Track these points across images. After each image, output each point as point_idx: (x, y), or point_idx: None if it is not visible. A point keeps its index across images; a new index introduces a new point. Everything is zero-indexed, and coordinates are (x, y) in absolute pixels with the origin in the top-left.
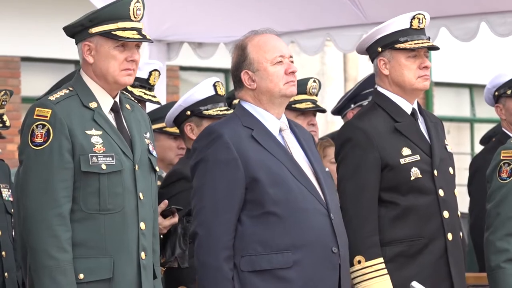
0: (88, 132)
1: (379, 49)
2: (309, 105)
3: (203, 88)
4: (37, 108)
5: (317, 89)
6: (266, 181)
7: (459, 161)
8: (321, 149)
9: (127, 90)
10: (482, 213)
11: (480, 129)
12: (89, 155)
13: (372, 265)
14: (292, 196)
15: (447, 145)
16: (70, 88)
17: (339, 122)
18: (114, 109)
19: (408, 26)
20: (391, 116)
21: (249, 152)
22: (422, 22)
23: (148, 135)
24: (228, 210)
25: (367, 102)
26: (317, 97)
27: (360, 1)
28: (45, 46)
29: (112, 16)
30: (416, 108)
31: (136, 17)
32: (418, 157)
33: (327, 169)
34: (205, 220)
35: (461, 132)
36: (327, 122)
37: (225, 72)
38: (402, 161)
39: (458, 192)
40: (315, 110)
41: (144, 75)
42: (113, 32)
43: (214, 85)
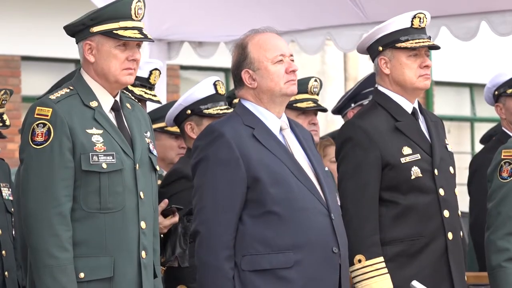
0: (89, 131)
1: (380, 48)
2: (310, 104)
3: (203, 87)
4: (37, 107)
5: (318, 88)
6: (267, 180)
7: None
8: (321, 148)
9: (127, 89)
10: (482, 213)
11: (481, 128)
12: (90, 154)
13: (372, 264)
14: (292, 195)
15: (447, 144)
16: (71, 87)
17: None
18: (115, 108)
19: (409, 25)
20: (392, 115)
21: (251, 151)
22: (423, 21)
23: (148, 134)
24: (229, 209)
25: (367, 101)
26: (318, 96)
27: (361, 1)
28: (46, 45)
29: (113, 15)
30: (417, 107)
31: (137, 17)
32: (418, 156)
33: (326, 169)
34: (206, 219)
35: (462, 131)
36: (327, 121)
37: (225, 71)
38: (402, 160)
39: (459, 191)
40: (316, 109)
41: (144, 74)
42: (115, 31)
43: (215, 84)
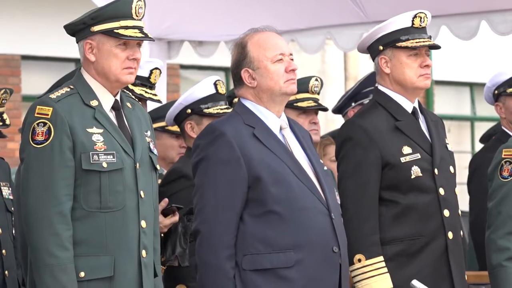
0: (89, 130)
1: (381, 48)
2: (311, 103)
3: (203, 87)
4: (38, 106)
5: (319, 87)
6: (268, 180)
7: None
8: (321, 147)
9: (128, 88)
10: (482, 212)
11: (481, 127)
12: (90, 153)
13: (372, 263)
14: (293, 195)
15: (447, 144)
16: (71, 86)
17: (339, 121)
18: (115, 107)
19: (409, 24)
20: (392, 114)
21: (252, 151)
22: (424, 20)
23: (149, 133)
24: (230, 208)
25: (367, 101)
26: (319, 95)
27: (361, 0)
28: (46, 44)
29: (114, 15)
30: (417, 107)
31: (137, 16)
32: (418, 155)
33: (325, 168)
34: (207, 218)
35: (462, 131)
36: (327, 120)
37: (225, 70)
38: (402, 159)
39: (459, 190)
40: (317, 109)
41: (145, 73)
42: (115, 31)
43: (215, 84)
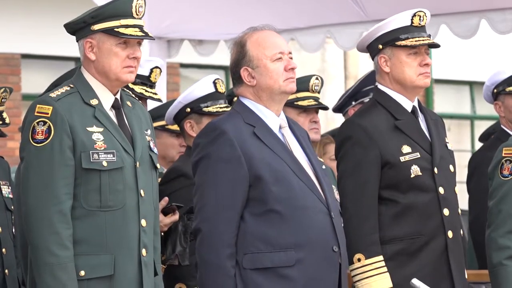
0: (89, 129)
1: (380, 47)
2: (312, 102)
3: (203, 85)
4: (38, 105)
5: (320, 86)
6: (269, 179)
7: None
8: (321, 146)
9: (128, 87)
10: (481, 211)
11: (481, 126)
12: (90, 152)
13: (371, 263)
14: (293, 194)
15: (447, 142)
16: (71, 85)
17: (339, 119)
18: (115, 106)
19: (409, 23)
20: (392, 113)
21: (252, 150)
22: (423, 19)
23: (149, 132)
24: (231, 207)
25: (368, 99)
26: (319, 94)
27: None
28: (46, 43)
29: (114, 13)
30: (417, 106)
31: (138, 14)
32: (418, 154)
33: (324, 167)
34: (207, 217)
35: (462, 130)
36: (327, 119)
37: (225, 69)
38: (402, 158)
39: (458, 189)
40: (317, 108)
41: (145, 72)
42: (116, 29)
43: (214, 82)
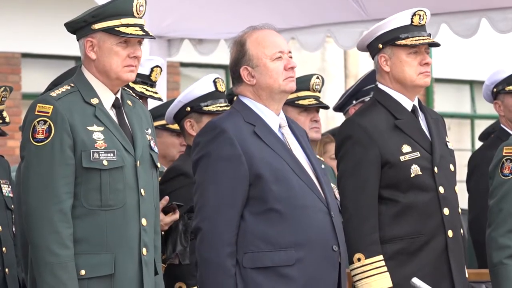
0: (90, 128)
1: (380, 46)
2: (312, 101)
3: (203, 84)
4: (38, 104)
5: (320, 85)
6: (269, 178)
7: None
8: (321, 145)
9: (128, 86)
10: (481, 210)
11: (481, 125)
12: (91, 151)
13: (371, 262)
14: (293, 193)
15: (448, 142)
16: (72, 84)
17: (339, 118)
18: (116, 105)
19: (408, 22)
20: (392, 113)
21: (252, 148)
22: (423, 18)
23: (149, 131)
24: (231, 206)
25: (368, 98)
26: (320, 93)
27: None
28: (46, 42)
29: (115, 12)
30: (417, 105)
31: (138, 14)
32: (418, 154)
33: (323, 166)
34: (207, 216)
35: (462, 129)
36: (328, 118)
37: (225, 68)
38: (402, 158)
39: (459, 188)
40: (318, 107)
41: (145, 71)
42: (117, 28)
43: (214, 81)
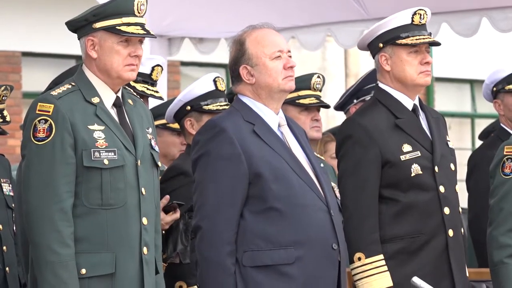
0: (91, 127)
1: (381, 45)
2: (313, 100)
3: (203, 83)
4: (39, 103)
5: (321, 84)
6: (269, 177)
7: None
8: (322, 144)
9: (129, 85)
10: (481, 209)
11: (481, 124)
12: (92, 150)
13: (372, 262)
14: (293, 192)
15: (448, 141)
16: (73, 83)
17: (340, 117)
18: (117, 104)
19: (409, 21)
20: (392, 112)
21: (252, 147)
22: (423, 17)
23: (150, 130)
24: (231, 205)
25: (369, 97)
26: (321, 92)
27: None
28: (46, 41)
29: (116, 11)
30: (418, 104)
31: (139, 13)
32: (418, 153)
33: (322, 165)
34: (207, 214)
35: (462, 128)
36: (328, 117)
37: (225, 67)
38: (402, 157)
39: (459, 187)
40: (319, 106)
41: (146, 70)
42: (117, 27)
43: (214, 80)
